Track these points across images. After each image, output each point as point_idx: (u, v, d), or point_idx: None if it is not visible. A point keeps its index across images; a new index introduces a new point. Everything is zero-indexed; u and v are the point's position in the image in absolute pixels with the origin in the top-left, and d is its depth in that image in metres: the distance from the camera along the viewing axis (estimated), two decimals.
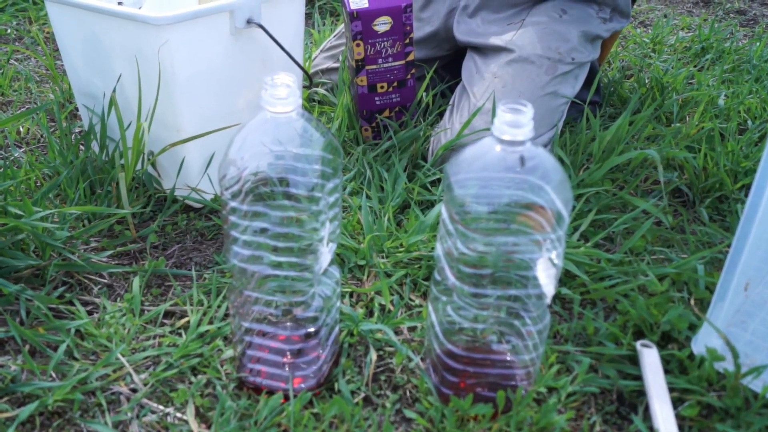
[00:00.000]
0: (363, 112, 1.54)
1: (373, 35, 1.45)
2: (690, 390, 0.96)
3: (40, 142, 1.64)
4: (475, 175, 0.79)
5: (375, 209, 1.31)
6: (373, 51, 1.47)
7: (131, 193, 1.32)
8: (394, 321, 1.07)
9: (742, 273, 0.95)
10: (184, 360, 0.99)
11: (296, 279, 0.87)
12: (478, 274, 0.81)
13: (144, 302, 1.12)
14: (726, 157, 1.50)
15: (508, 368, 0.91)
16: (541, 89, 1.46)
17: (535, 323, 0.87)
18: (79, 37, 1.32)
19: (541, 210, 0.77)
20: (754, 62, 2.13)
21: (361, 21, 1.43)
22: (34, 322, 1.07)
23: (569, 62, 1.50)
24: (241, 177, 0.80)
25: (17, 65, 2.10)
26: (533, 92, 1.45)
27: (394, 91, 1.52)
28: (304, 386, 0.93)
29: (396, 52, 1.48)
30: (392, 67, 1.50)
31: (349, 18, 1.43)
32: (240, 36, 1.30)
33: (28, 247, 1.17)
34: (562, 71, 1.49)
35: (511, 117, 0.75)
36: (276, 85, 0.78)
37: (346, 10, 1.43)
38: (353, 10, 1.42)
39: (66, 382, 0.93)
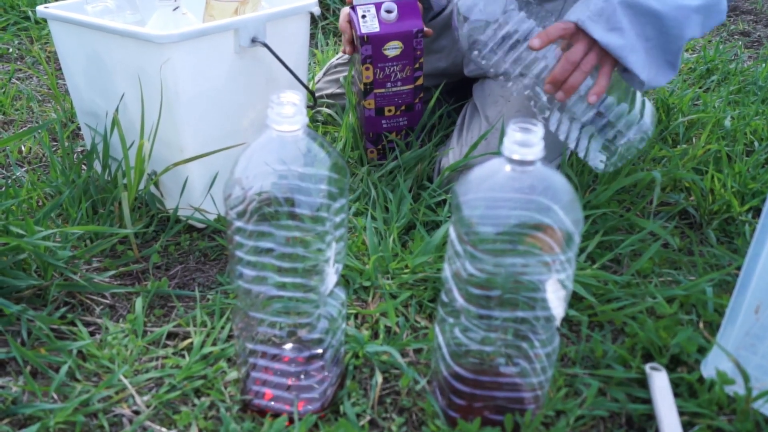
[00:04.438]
0: (369, 134, 1.53)
1: (382, 59, 1.44)
2: (700, 414, 0.95)
3: (42, 162, 1.63)
4: (484, 196, 0.78)
5: (380, 230, 1.30)
6: (382, 75, 1.46)
7: (134, 212, 1.31)
8: (400, 343, 1.05)
9: (752, 296, 0.94)
10: (188, 382, 0.98)
11: (301, 300, 0.85)
12: (486, 295, 0.80)
13: (147, 323, 1.11)
14: (733, 178, 1.49)
15: (517, 391, 0.90)
16: None
17: (544, 346, 0.86)
18: (81, 56, 1.32)
19: (550, 231, 0.76)
20: (759, 83, 2.12)
21: (371, 45, 1.42)
22: (35, 342, 1.06)
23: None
24: (246, 196, 0.79)
25: (19, 84, 2.10)
26: None
27: (401, 115, 1.52)
28: (309, 409, 0.92)
29: (405, 77, 1.47)
30: (401, 91, 1.49)
31: (359, 41, 1.42)
32: (244, 55, 1.29)
33: (29, 266, 1.16)
34: None
35: (521, 136, 0.74)
36: (282, 104, 0.78)
37: (357, 33, 1.42)
38: (364, 34, 1.41)
39: (68, 404, 0.92)
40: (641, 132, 1.28)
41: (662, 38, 1.24)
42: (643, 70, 1.24)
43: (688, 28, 1.24)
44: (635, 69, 1.23)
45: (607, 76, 1.24)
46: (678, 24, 1.23)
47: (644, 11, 1.21)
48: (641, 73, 1.24)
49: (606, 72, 1.24)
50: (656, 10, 1.21)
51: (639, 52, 1.23)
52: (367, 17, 1.42)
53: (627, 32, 1.22)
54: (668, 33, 1.24)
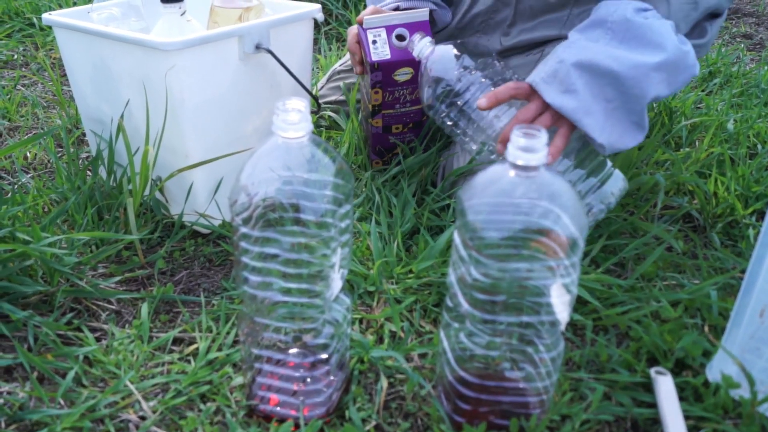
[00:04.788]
0: (375, 148, 1.53)
1: (392, 84, 1.43)
2: (705, 418, 0.95)
3: (48, 168, 1.64)
4: (488, 201, 0.78)
5: (384, 235, 1.30)
6: (392, 98, 1.45)
7: (139, 218, 1.31)
8: (405, 348, 1.06)
9: (757, 299, 0.94)
10: (194, 387, 0.98)
11: (307, 305, 0.86)
12: (491, 300, 0.81)
13: (152, 329, 1.11)
14: (736, 181, 1.49)
15: (522, 396, 0.90)
16: None
17: (549, 350, 0.86)
18: (87, 63, 1.32)
19: (555, 236, 0.76)
20: (762, 86, 2.12)
21: (381, 71, 1.40)
22: (42, 348, 1.06)
23: None
24: (251, 203, 0.79)
25: (24, 91, 2.11)
26: None
27: (409, 131, 1.51)
28: (315, 414, 0.92)
29: (414, 98, 1.46)
30: (409, 111, 1.48)
31: (369, 68, 1.40)
32: (248, 61, 1.30)
33: (36, 273, 1.16)
34: None
35: (525, 142, 0.74)
36: (288, 110, 0.78)
37: (367, 59, 1.40)
38: (375, 61, 1.39)
39: (74, 410, 0.92)
40: (597, 201, 1.23)
41: (623, 99, 1.19)
42: (601, 133, 1.18)
43: (649, 87, 1.18)
44: (591, 132, 1.18)
45: (563, 137, 1.20)
46: (638, 84, 1.17)
47: (600, 72, 1.17)
48: (598, 136, 1.18)
49: (563, 134, 1.20)
50: (613, 70, 1.16)
51: (596, 114, 1.18)
52: (377, 42, 1.40)
53: (581, 94, 1.17)
54: (628, 93, 1.18)
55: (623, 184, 1.23)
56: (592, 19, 1.22)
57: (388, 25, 1.40)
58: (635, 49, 1.18)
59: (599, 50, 1.17)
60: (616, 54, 1.17)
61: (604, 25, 1.20)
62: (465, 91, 1.25)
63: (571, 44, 1.20)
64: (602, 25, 1.20)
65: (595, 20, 1.21)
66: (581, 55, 1.17)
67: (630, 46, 1.18)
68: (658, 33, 1.18)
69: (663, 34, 1.18)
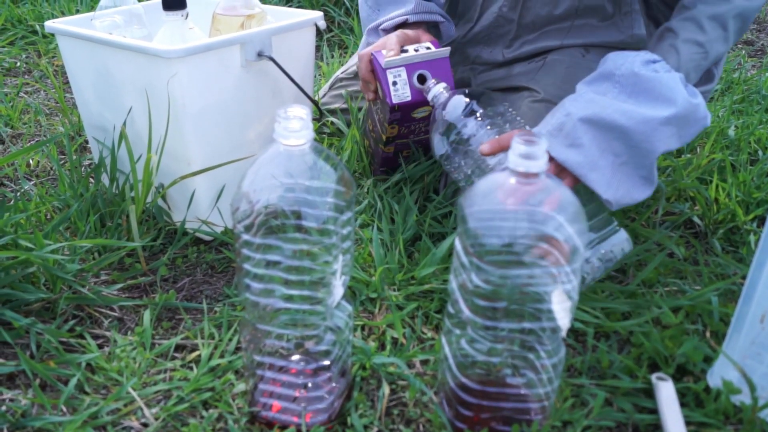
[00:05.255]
0: (383, 167, 1.53)
1: (410, 120, 1.41)
2: (707, 423, 0.95)
3: (50, 175, 1.64)
4: (489, 208, 0.79)
5: (386, 242, 1.31)
6: (407, 131, 1.44)
7: (141, 225, 1.31)
8: (407, 354, 1.06)
9: (758, 304, 0.94)
10: (196, 394, 0.98)
11: (309, 312, 0.86)
12: (492, 306, 0.81)
13: (155, 336, 1.12)
14: (737, 188, 1.50)
15: (523, 402, 0.90)
16: None
17: (550, 356, 0.86)
18: (90, 70, 1.33)
19: (556, 243, 0.77)
20: (763, 93, 2.13)
21: (400, 112, 1.37)
22: (44, 355, 1.06)
23: None
24: (253, 210, 0.79)
25: (27, 98, 2.11)
26: None
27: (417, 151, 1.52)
28: (317, 420, 0.92)
29: (427, 128, 1.45)
30: (422, 139, 1.48)
31: (389, 109, 1.36)
32: (250, 69, 1.30)
33: (38, 280, 1.17)
34: None
35: (525, 149, 0.74)
36: (289, 118, 0.78)
37: (387, 101, 1.35)
38: (395, 104, 1.35)
39: (77, 417, 0.93)
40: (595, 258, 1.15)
41: (632, 153, 1.15)
42: (607, 188, 1.14)
43: (659, 141, 1.14)
44: (596, 187, 1.14)
45: None
46: (646, 138, 1.14)
47: (608, 126, 1.13)
48: (604, 191, 1.14)
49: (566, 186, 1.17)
50: (621, 124, 1.12)
51: (602, 169, 1.14)
52: (398, 84, 1.35)
53: (588, 148, 1.13)
54: (637, 148, 1.14)
55: (627, 245, 1.17)
56: (599, 71, 1.20)
57: (409, 64, 1.35)
58: (644, 103, 1.15)
59: (607, 104, 1.14)
60: (624, 108, 1.14)
61: (611, 79, 1.17)
62: (471, 138, 1.23)
63: (578, 97, 1.18)
64: (610, 78, 1.18)
65: (602, 73, 1.19)
66: (588, 110, 1.14)
67: (639, 100, 1.15)
68: (667, 86, 1.15)
69: (672, 87, 1.15)
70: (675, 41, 1.22)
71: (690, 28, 1.22)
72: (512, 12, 1.52)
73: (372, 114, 1.49)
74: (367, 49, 1.40)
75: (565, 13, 1.49)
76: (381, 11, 1.49)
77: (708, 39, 1.22)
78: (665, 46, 1.22)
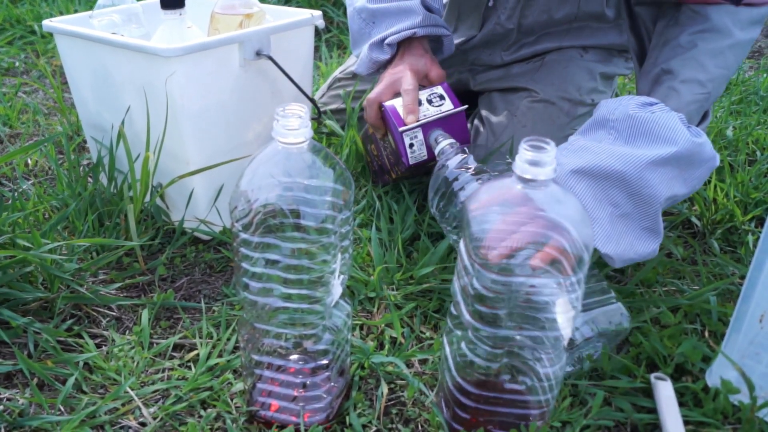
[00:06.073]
0: (384, 185, 1.52)
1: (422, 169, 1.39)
2: (705, 423, 0.95)
3: (49, 175, 1.64)
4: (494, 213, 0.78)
5: (385, 241, 1.30)
6: (416, 172, 1.42)
7: (140, 225, 1.31)
8: (405, 354, 1.06)
9: (756, 304, 0.94)
10: (194, 393, 0.98)
11: (307, 311, 0.86)
12: (493, 312, 0.80)
13: (153, 335, 1.11)
14: (735, 188, 1.50)
15: (522, 408, 0.90)
16: (561, 131, 1.45)
17: (552, 364, 0.86)
18: (88, 70, 1.32)
19: (561, 250, 0.76)
20: (761, 94, 2.13)
21: (416, 166, 1.35)
22: (42, 355, 1.06)
23: (589, 103, 1.49)
24: (252, 209, 0.79)
25: (25, 98, 2.11)
26: (553, 134, 1.43)
27: None
28: (315, 420, 0.92)
29: None
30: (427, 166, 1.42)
31: (405, 166, 1.34)
32: (249, 68, 1.30)
33: (36, 279, 1.17)
34: (581, 112, 1.48)
35: (532, 155, 0.73)
36: (288, 116, 0.78)
37: (404, 161, 1.33)
38: (412, 164, 1.33)
39: (74, 416, 0.92)
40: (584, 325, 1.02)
41: (632, 202, 1.05)
42: (606, 242, 1.04)
43: (660, 186, 1.04)
44: (594, 242, 1.04)
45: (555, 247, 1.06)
46: (646, 183, 1.03)
47: (603, 174, 1.04)
48: (603, 246, 1.04)
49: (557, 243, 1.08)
50: (616, 170, 1.03)
51: (599, 221, 1.04)
52: (414, 146, 1.32)
53: (582, 200, 1.04)
54: (638, 195, 1.04)
55: (622, 320, 1.03)
56: (593, 119, 1.12)
57: (425, 124, 1.31)
58: (642, 146, 1.05)
59: (601, 150, 1.06)
60: (620, 152, 1.05)
61: (606, 125, 1.09)
62: (459, 192, 1.19)
63: (569, 146, 1.10)
64: (604, 125, 1.09)
65: (596, 120, 1.11)
66: (581, 159, 1.06)
67: (637, 143, 1.06)
68: (666, 126, 1.05)
69: (672, 127, 1.05)
70: (674, 83, 1.14)
71: (690, 67, 1.14)
72: (510, 21, 1.52)
73: (377, 143, 1.45)
74: (375, 96, 1.35)
75: (565, 18, 1.49)
76: (377, 24, 1.42)
77: (710, 77, 1.14)
78: (663, 89, 1.15)
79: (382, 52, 1.40)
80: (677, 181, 1.07)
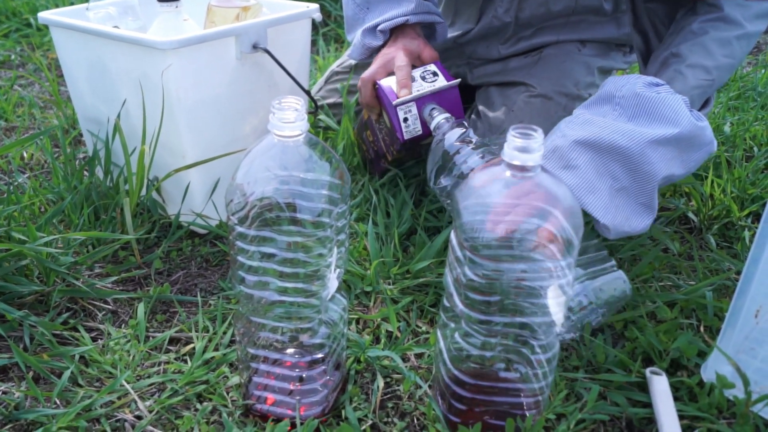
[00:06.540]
0: (381, 171, 1.52)
1: (417, 147, 1.39)
2: (700, 417, 0.95)
3: (44, 168, 1.64)
4: (484, 201, 0.79)
5: (381, 235, 1.30)
6: (414, 153, 1.42)
7: (136, 218, 1.31)
8: (401, 348, 1.06)
9: (752, 300, 0.94)
10: (190, 387, 0.98)
11: (303, 305, 0.86)
12: (486, 301, 0.81)
13: (149, 328, 1.11)
14: (732, 183, 1.50)
15: (517, 396, 0.90)
16: None
17: (544, 351, 0.86)
18: (84, 62, 1.32)
19: (551, 236, 0.76)
20: (759, 89, 2.13)
21: (410, 143, 1.35)
22: (38, 348, 1.06)
23: (586, 98, 1.48)
24: (248, 202, 0.79)
25: (21, 91, 2.11)
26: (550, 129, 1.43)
27: None
28: (311, 413, 0.92)
29: None
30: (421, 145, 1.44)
31: (398, 142, 1.35)
32: (246, 61, 1.30)
33: (32, 272, 1.16)
34: None
35: (521, 142, 0.74)
36: (284, 109, 0.78)
37: (398, 137, 1.33)
38: (407, 139, 1.33)
39: (70, 409, 0.92)
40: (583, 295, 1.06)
41: (632, 177, 1.08)
42: (605, 213, 1.07)
43: (659, 163, 1.07)
44: (593, 211, 1.07)
45: None
46: (647, 160, 1.06)
47: (606, 147, 1.07)
48: (602, 216, 1.07)
49: None
50: (619, 145, 1.06)
51: (600, 192, 1.07)
52: (409, 120, 1.32)
53: (584, 171, 1.07)
54: (638, 171, 1.07)
55: (624, 288, 1.07)
56: (599, 94, 1.14)
57: (419, 98, 1.32)
58: (645, 124, 1.08)
59: (605, 125, 1.08)
60: (624, 128, 1.07)
61: (612, 101, 1.11)
62: (462, 165, 1.20)
63: (574, 119, 1.13)
64: (610, 100, 1.12)
65: (602, 96, 1.13)
66: (585, 131, 1.09)
67: (640, 121, 1.08)
68: (670, 107, 1.08)
69: (676, 109, 1.08)
70: (680, 66, 1.16)
71: (698, 53, 1.17)
72: (507, 14, 1.52)
73: (373, 126, 1.46)
74: (369, 75, 1.36)
75: (563, 11, 1.49)
76: (371, 10, 1.44)
77: (716, 64, 1.16)
78: (670, 71, 1.16)
79: (374, 38, 1.42)
80: (676, 161, 1.10)
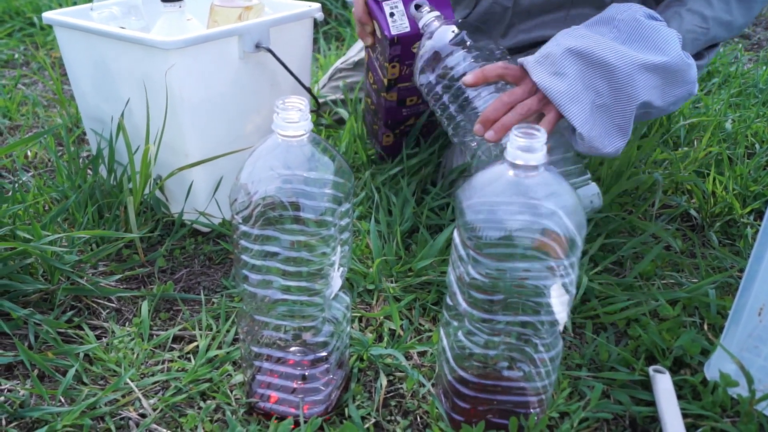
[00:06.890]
0: (387, 121, 1.50)
1: (411, 57, 1.37)
2: (704, 416, 0.95)
3: (48, 167, 1.64)
4: (487, 200, 0.79)
5: (384, 233, 1.31)
6: (408, 71, 1.40)
7: (139, 217, 1.31)
8: (404, 346, 1.06)
9: (755, 297, 0.94)
10: (194, 385, 0.98)
11: (306, 304, 0.86)
12: (489, 299, 0.81)
13: (153, 327, 1.12)
14: (734, 181, 1.50)
15: (520, 395, 0.90)
16: None
17: (548, 350, 0.86)
18: (87, 62, 1.32)
19: (554, 235, 0.77)
20: (760, 86, 2.13)
21: (401, 45, 1.34)
22: (42, 346, 1.06)
23: None
24: (251, 201, 0.79)
25: (25, 90, 2.11)
26: None
27: (422, 102, 1.48)
28: (315, 412, 0.92)
29: None
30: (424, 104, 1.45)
31: (389, 43, 1.34)
32: (248, 60, 1.30)
33: (36, 271, 1.17)
34: None
35: (524, 142, 0.74)
36: (287, 109, 0.78)
37: (385, 34, 1.32)
38: (394, 35, 1.32)
39: (75, 407, 0.93)
40: None
41: (614, 95, 1.12)
42: (583, 123, 1.12)
43: (643, 88, 1.12)
44: (574, 120, 1.11)
45: (548, 124, 1.15)
46: (631, 81, 1.11)
47: (595, 62, 1.11)
48: (581, 126, 1.11)
49: (548, 120, 1.15)
50: (609, 62, 1.10)
51: (582, 104, 1.12)
52: (395, 15, 1.32)
53: (571, 79, 1.12)
54: (621, 90, 1.12)
55: (597, 199, 1.14)
56: (600, 16, 1.19)
57: None
58: (638, 49, 1.13)
59: (600, 41, 1.13)
60: (616, 48, 1.12)
61: (611, 23, 1.16)
62: (456, 67, 1.21)
63: (572, 31, 1.17)
64: (610, 22, 1.17)
65: (603, 17, 1.18)
66: (579, 42, 1.13)
67: (633, 45, 1.14)
68: (664, 39, 1.14)
69: (669, 41, 1.14)
70: (680, 9, 1.22)
71: (699, 1, 1.23)
72: None
73: (372, 64, 1.45)
74: None
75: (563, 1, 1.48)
76: None
77: (714, 15, 1.22)
78: (670, 12, 1.22)
79: None
80: (657, 91, 1.15)
